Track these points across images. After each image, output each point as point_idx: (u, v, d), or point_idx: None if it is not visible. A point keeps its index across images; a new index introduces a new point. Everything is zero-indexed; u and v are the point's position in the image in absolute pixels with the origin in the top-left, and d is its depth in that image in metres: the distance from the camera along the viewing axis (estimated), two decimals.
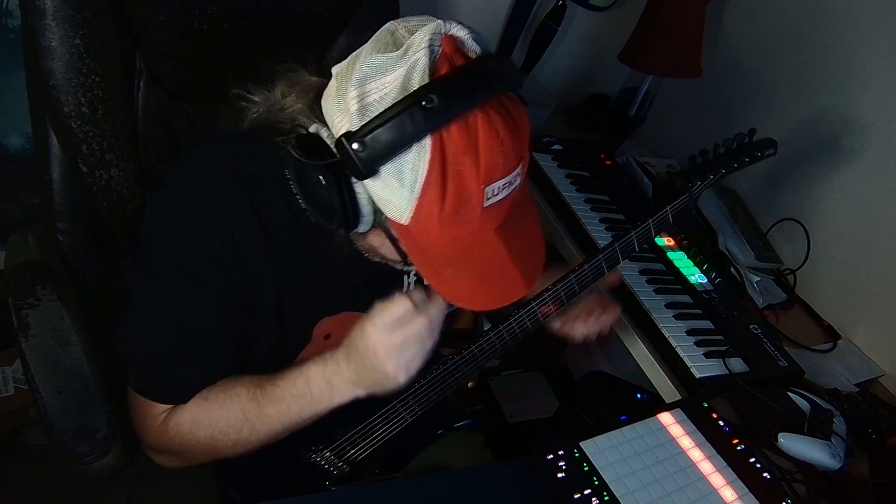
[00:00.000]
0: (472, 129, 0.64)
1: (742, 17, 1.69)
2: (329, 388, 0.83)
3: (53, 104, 0.90)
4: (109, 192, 0.98)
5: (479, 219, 0.68)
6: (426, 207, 0.66)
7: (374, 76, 0.65)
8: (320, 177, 0.68)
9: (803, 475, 1.00)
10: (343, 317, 0.92)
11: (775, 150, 1.04)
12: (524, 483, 0.88)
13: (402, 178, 0.65)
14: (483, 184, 0.66)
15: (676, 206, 1.01)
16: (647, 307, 1.22)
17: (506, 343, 0.98)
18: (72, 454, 0.78)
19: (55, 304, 0.90)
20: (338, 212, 0.70)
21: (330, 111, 0.69)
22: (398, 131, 0.62)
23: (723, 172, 1.01)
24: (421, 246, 0.71)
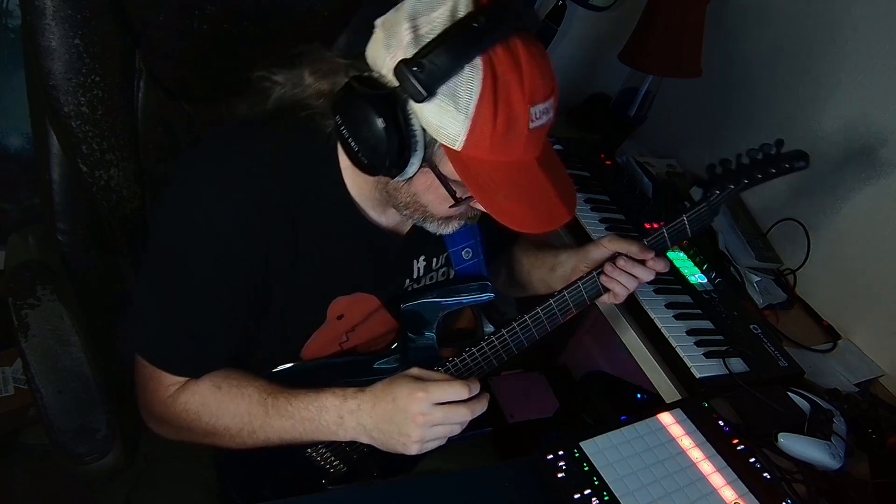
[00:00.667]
0: (514, 52, 0.69)
1: (742, 17, 1.69)
2: (338, 424, 0.85)
3: (53, 104, 0.90)
4: (109, 192, 0.98)
5: (524, 142, 0.73)
6: (479, 128, 0.70)
7: (424, 12, 0.70)
8: (377, 114, 0.70)
9: (803, 475, 1.00)
10: (357, 297, 0.93)
11: (807, 164, 0.95)
12: (524, 483, 0.88)
13: (456, 99, 0.69)
14: (528, 103, 0.70)
15: (693, 215, 0.98)
16: (647, 307, 1.22)
17: (509, 349, 0.98)
18: (72, 454, 0.78)
19: (55, 304, 0.90)
20: (392, 144, 0.72)
21: (379, 55, 0.73)
22: (453, 52, 0.67)
23: (745, 183, 0.96)
24: (474, 172, 0.73)
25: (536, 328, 0.98)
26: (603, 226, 1.41)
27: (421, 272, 1.00)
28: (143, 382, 0.86)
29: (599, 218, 1.43)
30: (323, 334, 0.93)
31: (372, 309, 0.96)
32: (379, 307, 0.97)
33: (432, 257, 1.00)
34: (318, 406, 0.85)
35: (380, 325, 0.99)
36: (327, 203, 0.85)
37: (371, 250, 0.91)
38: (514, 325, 0.97)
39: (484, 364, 0.98)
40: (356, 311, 0.94)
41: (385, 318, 0.99)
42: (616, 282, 0.99)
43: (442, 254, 1.01)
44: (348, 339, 0.97)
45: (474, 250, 1.02)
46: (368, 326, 0.98)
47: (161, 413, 0.86)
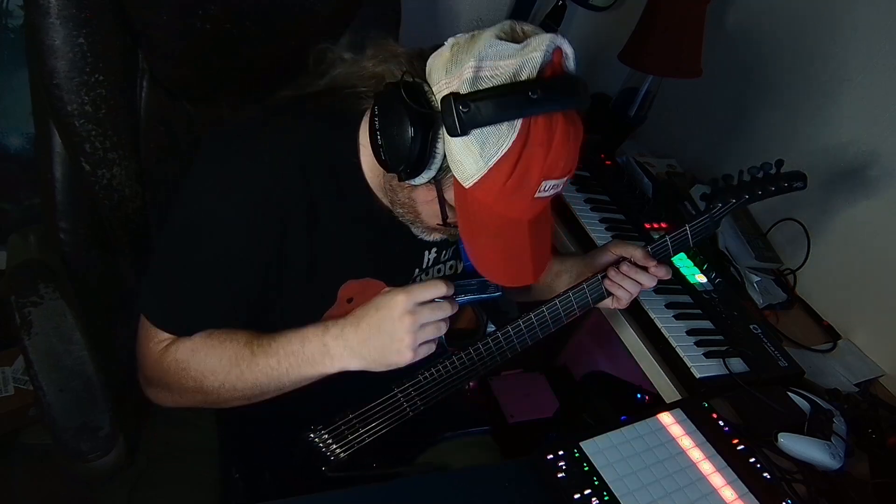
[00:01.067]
0: (553, 127, 0.73)
1: (742, 17, 1.69)
2: (323, 352, 0.86)
3: (56, 103, 0.90)
4: (111, 191, 0.99)
5: (526, 206, 0.78)
6: (493, 179, 0.74)
7: (492, 58, 0.73)
8: (411, 124, 0.75)
9: (803, 475, 1.01)
10: (367, 282, 0.96)
11: (804, 185, 1.02)
12: (524, 483, 0.88)
13: (484, 147, 0.73)
14: (543, 177, 0.75)
15: (696, 226, 1.02)
16: (647, 307, 1.22)
17: (513, 345, 0.99)
18: (74, 452, 0.79)
19: (58, 302, 0.90)
20: (412, 155, 0.76)
21: (437, 72, 0.77)
22: (501, 106, 0.71)
23: (746, 198, 1.02)
24: (470, 210, 0.79)
25: (541, 328, 1.00)
26: (603, 226, 1.41)
27: (430, 262, 1.03)
28: (141, 344, 0.88)
29: (599, 218, 1.43)
30: (331, 316, 0.93)
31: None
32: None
33: (442, 249, 1.04)
34: (301, 338, 0.87)
35: None
36: (346, 187, 0.89)
37: (384, 237, 0.94)
38: (520, 322, 0.98)
39: (488, 360, 0.99)
40: (366, 296, 0.94)
41: None
42: (619, 286, 1.02)
43: (451, 246, 1.05)
44: None
45: None
46: None
47: (154, 371, 0.88)
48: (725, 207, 1.02)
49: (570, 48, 0.75)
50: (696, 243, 1.03)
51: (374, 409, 0.98)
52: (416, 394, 0.99)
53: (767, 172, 1.02)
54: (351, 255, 0.93)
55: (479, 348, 0.98)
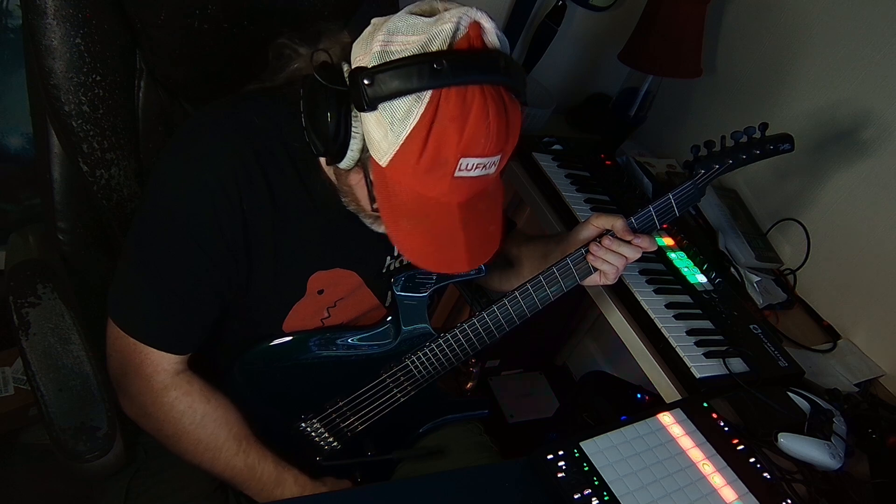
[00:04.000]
0: (467, 101, 0.70)
1: (742, 17, 1.69)
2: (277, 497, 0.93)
3: (54, 103, 0.90)
4: (110, 191, 0.99)
5: (447, 186, 0.74)
6: (405, 155, 0.72)
7: (402, 32, 0.71)
8: (328, 106, 0.75)
9: (803, 475, 1.00)
10: (336, 272, 0.94)
11: (792, 147, 0.98)
12: (524, 483, 0.88)
13: (393, 121, 0.71)
14: (460, 154, 0.71)
15: (679, 194, 0.98)
16: (647, 307, 1.22)
17: (500, 325, 0.98)
18: (72, 452, 0.78)
19: (56, 302, 0.90)
20: (331, 137, 0.76)
21: (356, 51, 0.76)
22: (405, 79, 0.69)
23: (730, 163, 0.97)
24: (390, 191, 0.76)
25: (528, 306, 0.98)
26: None
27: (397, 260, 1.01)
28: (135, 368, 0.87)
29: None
30: (302, 307, 0.94)
31: (354, 285, 0.97)
32: (361, 284, 0.98)
33: None
34: (278, 482, 0.93)
35: (362, 303, 1.00)
36: (308, 177, 0.87)
37: (351, 226, 0.91)
38: (505, 301, 0.97)
39: (476, 340, 0.99)
40: (337, 287, 0.95)
41: (367, 296, 1.00)
42: (602, 261, 0.98)
43: None
44: (330, 316, 0.98)
45: None
46: (351, 303, 0.99)
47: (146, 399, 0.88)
48: (709, 174, 0.98)
49: (489, 22, 0.72)
50: (681, 212, 1.00)
51: (364, 396, 0.99)
52: (406, 379, 1.00)
53: (751, 136, 0.98)
54: (317, 246, 0.92)
55: (465, 330, 0.98)
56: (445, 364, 1.01)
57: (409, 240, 0.79)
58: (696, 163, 0.99)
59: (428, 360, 1.00)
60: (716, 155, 0.98)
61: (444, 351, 0.99)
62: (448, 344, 0.99)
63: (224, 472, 0.91)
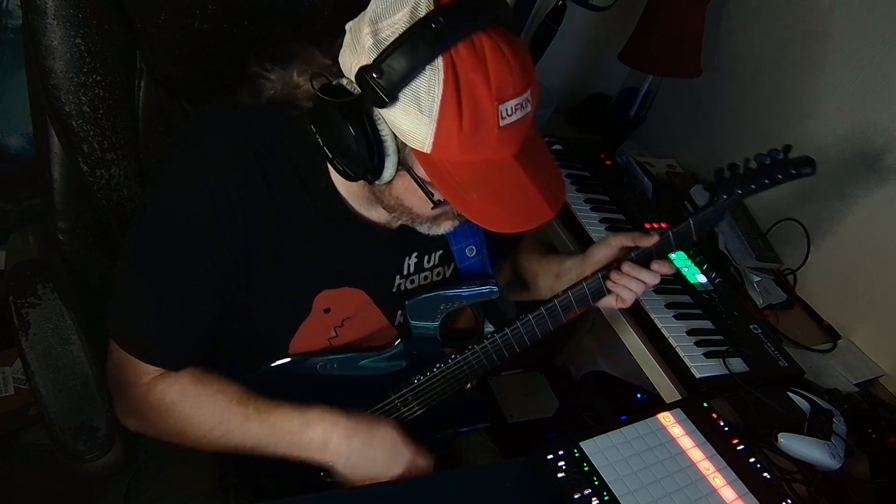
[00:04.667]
0: (478, 49, 0.67)
1: (742, 17, 1.69)
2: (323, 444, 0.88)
3: (54, 103, 0.90)
4: (110, 191, 0.99)
5: (496, 140, 0.71)
6: (445, 129, 0.69)
7: (385, 15, 0.68)
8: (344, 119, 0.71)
9: (803, 475, 1.00)
10: (343, 291, 0.92)
11: (813, 170, 0.95)
12: (524, 483, 0.88)
13: (419, 102, 0.68)
14: (496, 101, 0.68)
15: (699, 219, 0.97)
16: (647, 307, 1.22)
17: (511, 346, 0.98)
18: (72, 453, 0.78)
19: (56, 302, 0.90)
20: (364, 153, 0.72)
21: (346, 61, 0.73)
22: (411, 54, 0.66)
23: (752, 188, 0.95)
24: (445, 174, 0.72)
25: (539, 327, 0.98)
26: (603, 226, 1.41)
27: (412, 269, 0.98)
28: (119, 369, 0.85)
29: (599, 218, 1.43)
30: (309, 327, 0.92)
31: (362, 304, 0.95)
32: (369, 303, 0.96)
33: (425, 255, 0.99)
34: (304, 421, 0.87)
35: (370, 322, 0.98)
36: (315, 196, 0.85)
37: (358, 245, 0.90)
38: (518, 324, 0.97)
39: (486, 362, 0.99)
40: (344, 306, 0.93)
41: (376, 315, 0.98)
42: (623, 287, 0.98)
43: (436, 252, 1.00)
44: (337, 335, 0.96)
45: (478, 248, 1.01)
46: (359, 322, 0.97)
47: (136, 402, 0.85)
48: (731, 198, 0.96)
49: None
50: (699, 237, 0.98)
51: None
52: (413, 398, 0.99)
53: (775, 158, 0.95)
54: (324, 265, 0.89)
55: (475, 350, 0.97)
56: (454, 384, 1.00)
57: (484, 210, 0.74)
58: (720, 187, 0.96)
59: (437, 380, 0.99)
60: (739, 179, 0.96)
61: (453, 371, 0.98)
62: (457, 364, 0.98)
63: (245, 442, 0.86)
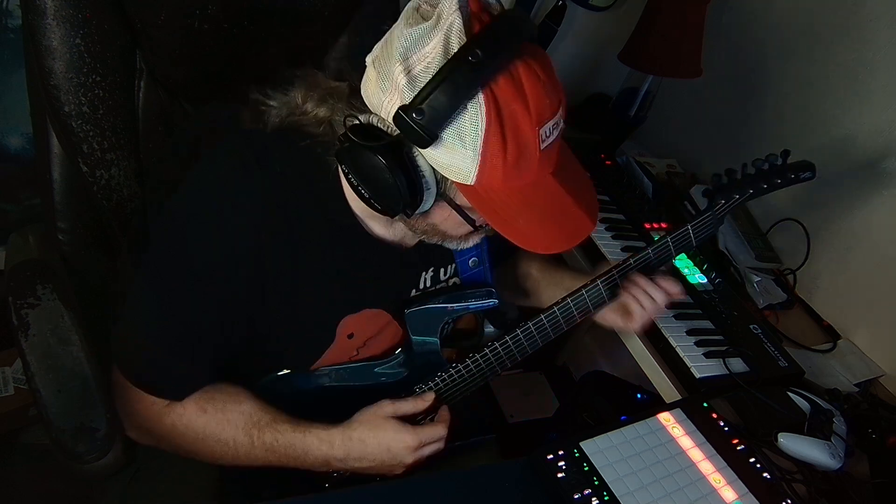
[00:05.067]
0: (516, 77, 0.67)
1: (742, 17, 1.69)
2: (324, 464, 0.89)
3: (54, 104, 0.90)
4: (110, 191, 0.98)
5: (537, 164, 0.71)
6: (490, 161, 0.69)
7: (415, 49, 0.67)
8: (381, 159, 0.70)
9: (803, 475, 1.00)
10: (364, 314, 0.92)
11: (813, 175, 0.95)
12: (524, 483, 0.88)
13: (463, 138, 0.67)
14: (536, 126, 0.69)
15: (699, 225, 0.97)
16: None
17: (512, 354, 0.98)
18: (71, 453, 0.78)
19: (55, 303, 0.90)
20: (404, 191, 0.71)
21: (374, 96, 0.71)
22: (452, 91, 0.65)
23: (750, 193, 0.96)
24: (490, 203, 0.72)
25: (541, 336, 0.98)
26: (603, 226, 1.41)
27: (428, 283, 0.99)
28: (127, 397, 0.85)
29: (599, 218, 1.43)
30: (333, 353, 0.92)
31: (383, 323, 0.95)
32: (390, 321, 0.96)
33: (440, 268, 0.99)
34: (304, 449, 0.88)
35: (391, 339, 0.99)
36: (332, 222, 0.85)
37: (375, 266, 0.90)
38: (518, 332, 0.96)
39: (487, 370, 0.98)
40: (366, 327, 0.93)
41: (396, 331, 0.98)
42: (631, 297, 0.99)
43: (450, 264, 1.00)
44: (358, 354, 0.96)
45: (480, 258, 1.01)
46: (379, 340, 0.97)
47: (146, 430, 0.86)
48: (729, 204, 0.96)
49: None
50: (699, 242, 0.98)
51: None
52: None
53: (773, 164, 0.95)
54: (343, 290, 0.89)
55: (477, 360, 0.97)
56: (455, 393, 1.00)
57: (533, 235, 0.74)
58: (717, 192, 0.96)
59: (438, 389, 0.98)
60: (737, 184, 0.96)
61: (454, 380, 0.98)
62: (459, 374, 0.98)
63: (253, 464, 0.88)
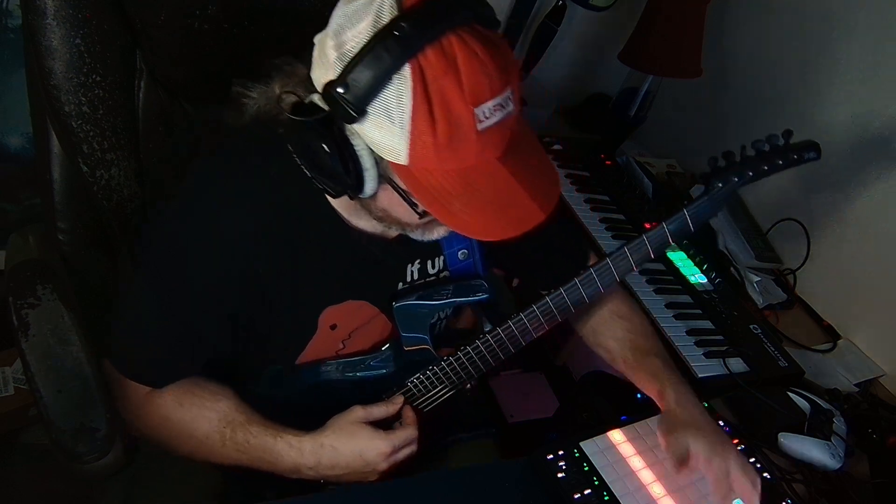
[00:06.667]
0: (448, 51, 0.64)
1: (742, 17, 1.69)
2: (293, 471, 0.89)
3: (54, 104, 0.90)
4: (110, 191, 0.99)
5: (475, 145, 0.67)
6: (420, 139, 0.66)
7: (348, 26, 0.66)
8: (317, 137, 0.69)
9: (803, 475, 1.00)
10: (347, 305, 0.92)
11: (818, 155, 0.90)
12: (524, 483, 0.88)
13: (390, 114, 0.65)
14: (471, 104, 0.65)
15: (694, 210, 0.91)
16: (647, 307, 1.22)
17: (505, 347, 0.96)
18: (71, 454, 0.78)
19: (55, 303, 0.90)
20: (341, 170, 0.70)
21: (316, 76, 0.70)
22: (375, 65, 0.63)
23: (750, 175, 0.90)
24: (425, 185, 0.69)
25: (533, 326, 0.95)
26: (603, 226, 1.41)
27: (415, 276, 0.97)
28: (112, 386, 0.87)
29: (599, 218, 1.43)
30: (316, 344, 0.93)
31: (369, 316, 0.95)
32: (377, 314, 0.95)
33: (427, 260, 0.98)
34: (274, 454, 0.88)
35: (378, 332, 0.98)
36: (311, 214, 0.84)
37: (357, 258, 0.89)
38: (510, 322, 0.94)
39: (480, 363, 0.97)
40: (351, 319, 0.93)
41: (383, 324, 0.97)
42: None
43: (438, 257, 0.99)
44: (345, 347, 0.96)
45: (470, 251, 1.00)
46: (366, 333, 0.97)
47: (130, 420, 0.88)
48: (727, 187, 0.91)
49: None
50: (696, 227, 0.92)
51: None
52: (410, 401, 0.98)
53: (775, 144, 0.90)
54: (325, 282, 0.89)
55: (468, 351, 0.95)
56: (448, 387, 0.99)
57: (469, 219, 0.70)
58: (714, 175, 0.91)
59: (431, 382, 0.98)
60: (735, 166, 0.91)
61: (445, 373, 0.97)
62: (451, 366, 0.97)
63: (227, 462, 0.89)
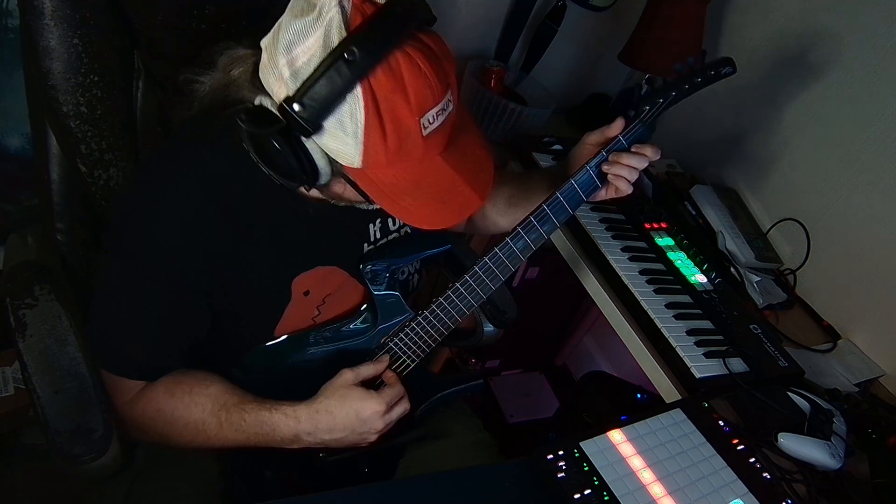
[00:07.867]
0: (395, 71, 0.70)
1: (742, 18, 1.69)
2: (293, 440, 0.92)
3: (52, 104, 0.90)
4: (108, 191, 0.99)
5: (421, 149, 0.75)
6: (372, 149, 0.73)
7: (298, 42, 0.70)
8: (274, 143, 0.74)
9: (803, 475, 1.00)
10: (316, 271, 0.95)
11: (734, 69, 1.00)
12: (524, 483, 0.88)
13: (344, 128, 0.72)
14: (417, 115, 0.72)
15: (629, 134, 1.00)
16: (647, 307, 1.22)
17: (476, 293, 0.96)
18: (68, 454, 0.78)
19: (53, 304, 0.90)
20: (297, 170, 0.76)
21: (268, 81, 0.75)
22: (330, 87, 0.69)
23: (673, 95, 1.00)
24: (377, 184, 0.77)
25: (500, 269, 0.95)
26: (603, 226, 1.41)
27: (378, 235, 1.01)
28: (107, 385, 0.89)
29: (599, 218, 1.43)
30: (292, 312, 0.96)
31: (340, 280, 0.98)
32: (346, 278, 0.98)
33: (388, 218, 1.02)
34: (272, 426, 0.91)
35: (351, 296, 1.01)
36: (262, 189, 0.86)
37: (317, 224, 0.92)
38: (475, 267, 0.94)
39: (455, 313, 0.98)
40: (322, 285, 0.96)
41: (355, 288, 1.00)
42: (616, 176, 0.98)
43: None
44: (320, 313, 0.99)
45: None
46: (339, 298, 1.00)
47: (124, 417, 0.90)
48: (654, 109, 1.00)
49: None
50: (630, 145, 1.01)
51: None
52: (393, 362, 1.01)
53: (691, 66, 1.00)
54: (291, 252, 0.92)
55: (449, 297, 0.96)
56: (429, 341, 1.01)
57: (419, 213, 0.79)
58: (641, 101, 1.01)
59: (411, 339, 1.00)
60: (660, 90, 1.00)
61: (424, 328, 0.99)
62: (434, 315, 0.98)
63: (225, 445, 0.92)
